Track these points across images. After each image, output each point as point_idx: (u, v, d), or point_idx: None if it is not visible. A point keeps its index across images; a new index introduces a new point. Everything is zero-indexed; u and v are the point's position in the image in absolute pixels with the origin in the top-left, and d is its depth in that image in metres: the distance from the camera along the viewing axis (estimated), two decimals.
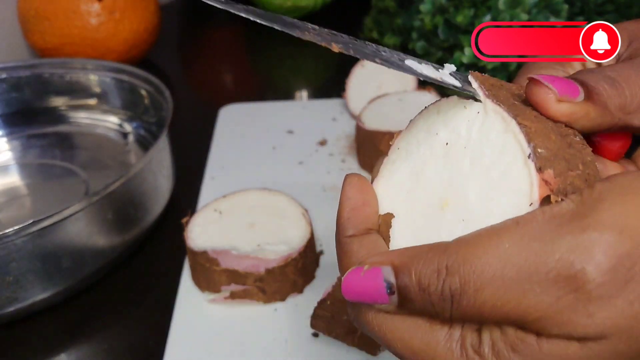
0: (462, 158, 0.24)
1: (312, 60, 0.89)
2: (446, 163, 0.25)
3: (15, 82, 0.63)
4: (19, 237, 0.38)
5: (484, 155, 0.23)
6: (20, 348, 0.41)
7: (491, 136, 0.23)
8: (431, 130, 0.26)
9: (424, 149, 0.26)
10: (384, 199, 0.27)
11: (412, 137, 0.26)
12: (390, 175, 0.27)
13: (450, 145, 0.25)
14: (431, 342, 0.21)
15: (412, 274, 0.20)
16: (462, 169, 0.24)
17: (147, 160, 0.45)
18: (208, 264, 0.41)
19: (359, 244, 0.24)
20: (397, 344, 0.22)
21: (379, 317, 0.22)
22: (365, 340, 0.35)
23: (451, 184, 0.24)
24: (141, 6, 0.74)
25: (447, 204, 0.24)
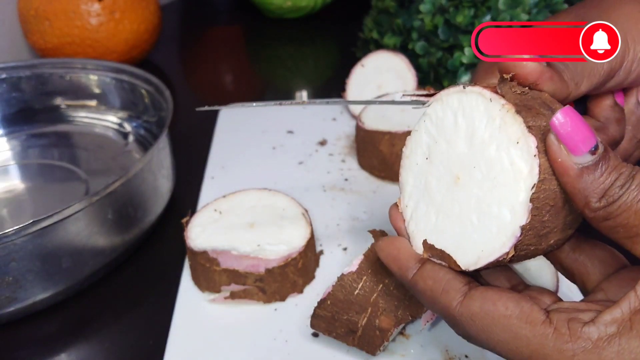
0: (460, 140, 0.27)
1: (312, 60, 0.89)
2: (449, 147, 0.28)
3: (15, 82, 0.63)
4: (19, 237, 0.38)
5: (475, 131, 0.26)
6: (20, 348, 0.41)
7: (475, 115, 0.27)
8: (434, 123, 0.29)
9: (428, 141, 0.29)
10: (409, 186, 0.30)
11: (417, 137, 0.30)
12: (410, 167, 0.30)
13: (452, 132, 0.28)
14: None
15: None
16: (463, 148, 0.27)
17: (147, 160, 0.45)
18: (208, 264, 0.41)
19: (422, 281, 0.27)
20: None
21: None
22: (365, 340, 0.35)
23: (459, 163, 0.27)
24: (141, 6, 0.74)
25: (459, 178, 0.27)
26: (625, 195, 0.22)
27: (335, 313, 0.36)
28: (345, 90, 0.64)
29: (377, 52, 0.63)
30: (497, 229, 0.25)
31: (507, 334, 0.24)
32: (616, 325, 0.22)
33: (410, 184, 0.30)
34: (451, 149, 0.28)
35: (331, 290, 0.36)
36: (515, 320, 0.24)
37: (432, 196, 0.29)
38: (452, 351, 0.37)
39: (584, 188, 0.23)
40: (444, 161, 0.29)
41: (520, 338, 0.24)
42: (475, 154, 0.27)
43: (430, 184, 0.29)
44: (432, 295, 0.27)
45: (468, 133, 0.27)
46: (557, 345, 0.23)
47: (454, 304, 0.26)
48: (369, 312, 0.35)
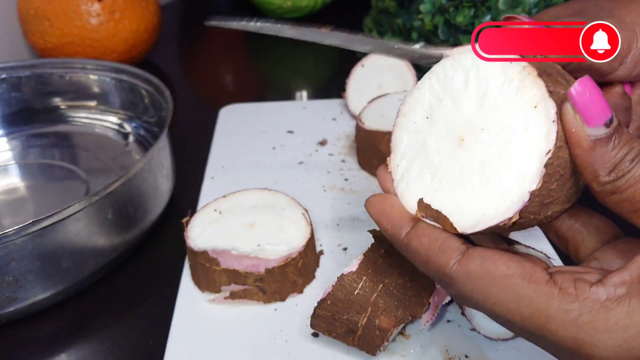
0: (469, 101, 0.27)
1: (312, 60, 0.89)
2: (455, 107, 0.28)
3: (15, 82, 0.63)
4: (19, 237, 0.38)
5: (488, 92, 0.26)
6: (20, 348, 0.41)
7: (490, 75, 0.26)
8: (435, 84, 0.29)
9: (431, 99, 0.29)
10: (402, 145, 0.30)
11: (419, 95, 0.30)
12: (407, 125, 0.30)
13: (454, 93, 0.28)
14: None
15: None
16: (470, 109, 0.27)
17: (147, 160, 0.45)
18: (208, 264, 0.41)
19: (417, 239, 0.27)
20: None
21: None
22: (365, 340, 0.35)
23: (465, 124, 0.27)
24: (141, 6, 0.74)
25: (463, 140, 0.27)
26: (635, 170, 0.22)
27: (335, 313, 0.36)
28: (346, 90, 0.64)
29: None
30: (502, 193, 0.25)
31: (508, 294, 0.23)
32: (626, 287, 0.22)
33: (405, 143, 0.30)
34: (457, 109, 0.27)
35: (331, 290, 0.36)
36: (518, 279, 0.23)
37: (429, 157, 0.28)
38: (452, 351, 0.37)
39: (594, 161, 0.23)
40: (447, 122, 0.28)
41: (522, 297, 0.23)
42: (485, 116, 0.26)
43: (428, 144, 0.28)
44: (427, 254, 0.26)
45: (479, 94, 0.26)
46: (563, 305, 0.22)
47: (451, 263, 0.25)
48: (368, 312, 0.35)
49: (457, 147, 0.27)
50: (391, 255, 0.37)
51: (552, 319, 0.22)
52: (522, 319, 0.23)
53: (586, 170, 0.23)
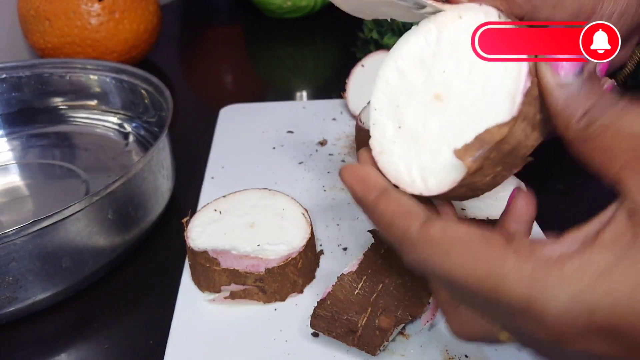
0: (444, 57, 0.28)
1: (312, 60, 0.89)
2: (430, 64, 0.29)
3: (15, 82, 0.63)
4: (19, 237, 0.38)
5: (480, 64, 0.27)
6: (20, 348, 0.41)
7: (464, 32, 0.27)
8: (432, 31, 0.29)
9: (425, 46, 0.29)
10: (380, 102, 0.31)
11: (416, 37, 0.30)
12: (382, 81, 0.31)
13: (430, 48, 0.29)
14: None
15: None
16: (458, 70, 0.28)
17: (147, 160, 0.45)
18: (208, 264, 0.41)
19: (384, 203, 0.27)
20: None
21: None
22: (365, 340, 0.35)
23: (445, 80, 0.28)
24: (141, 6, 0.74)
25: (440, 96, 0.28)
26: (605, 117, 0.23)
27: (335, 313, 0.36)
28: (346, 90, 0.64)
29: (377, 52, 0.63)
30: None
31: (465, 256, 0.23)
32: (579, 243, 0.22)
33: (380, 107, 0.31)
34: (432, 70, 0.28)
35: (331, 290, 0.36)
36: (476, 242, 0.23)
37: (404, 120, 0.29)
38: (452, 351, 0.37)
39: (566, 108, 0.24)
40: (421, 82, 0.29)
41: (478, 259, 0.23)
42: (461, 72, 0.27)
43: (403, 105, 0.30)
44: (392, 217, 0.26)
45: (453, 53, 0.28)
46: (517, 264, 0.22)
47: (413, 227, 0.25)
48: (368, 312, 0.35)
49: (433, 105, 0.28)
50: (391, 255, 0.37)
51: (506, 277, 0.22)
52: (477, 280, 0.23)
53: (559, 119, 0.24)
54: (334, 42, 0.93)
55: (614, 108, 0.23)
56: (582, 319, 0.20)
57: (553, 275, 0.21)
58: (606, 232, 0.21)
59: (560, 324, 0.21)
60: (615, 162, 0.22)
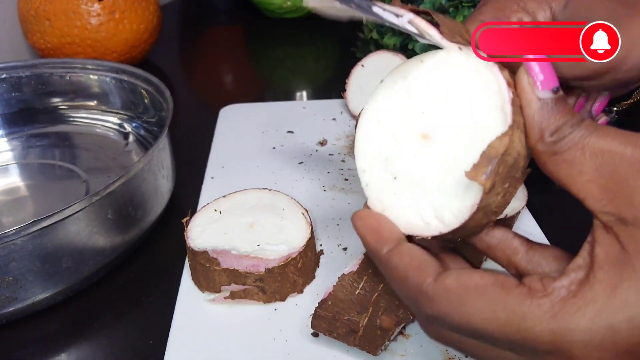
0: (418, 100, 0.29)
1: (312, 60, 0.89)
2: (417, 105, 0.29)
3: (15, 82, 0.63)
4: (19, 237, 0.38)
5: (456, 91, 0.27)
6: (20, 348, 0.41)
7: (460, 74, 0.28)
8: (397, 82, 0.31)
9: (394, 96, 0.30)
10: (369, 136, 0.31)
11: (384, 91, 0.31)
12: (371, 117, 0.31)
13: (417, 89, 0.29)
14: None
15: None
16: (436, 106, 0.28)
17: (147, 160, 0.45)
18: (208, 264, 0.41)
19: (398, 256, 0.27)
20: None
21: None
22: (367, 340, 0.35)
23: (427, 120, 0.28)
24: (141, 6, 0.74)
25: (428, 135, 0.28)
26: (574, 133, 0.24)
27: (336, 313, 0.36)
28: (346, 90, 0.64)
29: (377, 52, 0.63)
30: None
31: (483, 302, 0.24)
32: (583, 270, 0.23)
33: (369, 153, 0.31)
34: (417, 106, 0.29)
35: (332, 290, 0.36)
36: (491, 287, 0.24)
37: (394, 164, 0.29)
38: (452, 351, 0.37)
39: (541, 121, 0.25)
40: (408, 121, 0.29)
41: (496, 303, 0.24)
42: (446, 108, 0.28)
43: (392, 149, 0.30)
44: (406, 271, 0.27)
45: (440, 90, 0.28)
46: (535, 301, 0.23)
47: (428, 280, 0.26)
48: (369, 312, 0.35)
49: (422, 145, 0.28)
50: None
51: (527, 316, 0.23)
52: (499, 325, 0.24)
53: (533, 130, 0.25)
54: (334, 42, 0.93)
55: (583, 126, 0.24)
56: (607, 340, 0.21)
57: (570, 304, 0.22)
58: (596, 252, 0.23)
59: (589, 349, 0.22)
60: (580, 176, 0.24)
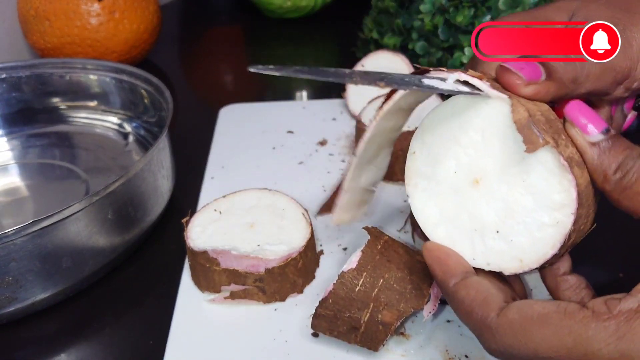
0: (486, 144, 0.29)
1: (312, 60, 0.89)
2: (469, 150, 0.30)
3: (15, 82, 0.63)
4: (19, 237, 0.38)
5: (509, 140, 0.28)
6: (20, 348, 0.41)
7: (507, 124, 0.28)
8: (449, 125, 0.31)
9: (443, 139, 0.31)
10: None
11: (429, 131, 0.32)
12: (415, 166, 0.33)
13: (471, 134, 0.30)
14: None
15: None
16: (489, 152, 0.29)
17: (147, 160, 0.45)
18: (208, 264, 0.41)
19: (464, 290, 0.28)
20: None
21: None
22: (368, 336, 0.35)
23: (477, 166, 0.30)
24: (141, 6, 0.74)
25: (478, 182, 0.30)
26: (638, 165, 0.25)
27: (337, 311, 0.36)
28: (346, 90, 0.64)
29: (377, 52, 0.63)
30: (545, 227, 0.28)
31: (547, 330, 0.24)
32: None
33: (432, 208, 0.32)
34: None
35: (332, 289, 0.36)
36: (554, 314, 0.25)
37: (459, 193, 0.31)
38: (452, 351, 0.37)
39: (601, 163, 0.26)
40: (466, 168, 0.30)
41: (561, 330, 0.24)
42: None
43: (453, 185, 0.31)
44: (471, 305, 0.27)
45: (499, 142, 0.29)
46: (600, 324, 0.23)
47: (492, 314, 0.26)
48: (370, 307, 0.35)
49: (471, 188, 0.30)
50: (387, 250, 0.37)
51: (593, 339, 0.23)
52: (566, 351, 0.24)
53: (596, 174, 0.26)
54: (334, 42, 0.93)
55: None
56: None
57: (636, 325, 0.22)
58: None
59: None
60: None
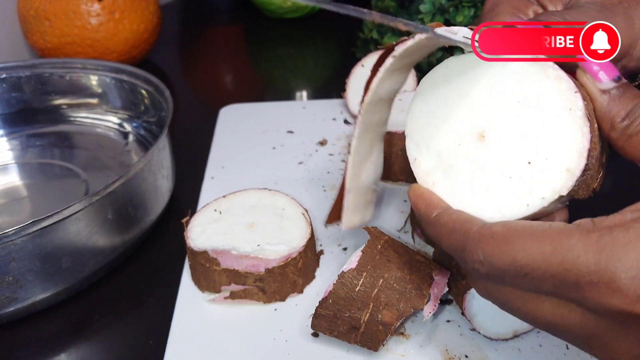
0: (501, 98, 0.29)
1: (312, 60, 0.89)
2: (481, 101, 0.29)
3: (15, 82, 0.63)
4: (19, 237, 0.38)
5: (528, 96, 0.28)
6: (20, 348, 0.41)
7: (535, 83, 0.28)
8: (464, 73, 0.30)
9: (455, 87, 0.31)
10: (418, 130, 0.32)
11: (441, 77, 0.32)
12: (422, 109, 0.32)
13: (487, 85, 0.29)
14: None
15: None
16: (502, 107, 0.29)
17: (147, 160, 0.45)
18: (208, 264, 0.41)
19: (447, 216, 0.29)
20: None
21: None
22: (368, 336, 0.35)
23: (489, 119, 0.29)
24: (141, 6, 0.74)
25: (484, 136, 0.29)
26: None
27: (337, 311, 0.36)
28: (346, 90, 0.64)
29: (377, 52, 0.63)
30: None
31: (529, 240, 0.24)
32: (638, 213, 0.23)
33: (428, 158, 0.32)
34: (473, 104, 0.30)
35: (332, 289, 0.36)
36: (538, 227, 0.24)
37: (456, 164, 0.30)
38: (452, 351, 0.37)
39: (610, 110, 0.26)
40: (466, 120, 0.30)
41: (543, 240, 0.23)
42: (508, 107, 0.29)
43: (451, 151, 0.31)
44: (454, 225, 0.27)
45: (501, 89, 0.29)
46: (582, 236, 0.23)
47: (475, 228, 0.26)
48: (370, 307, 0.35)
49: (478, 144, 0.29)
50: (387, 250, 0.37)
51: (573, 247, 0.22)
52: (544, 258, 0.23)
53: (604, 121, 0.26)
54: (334, 42, 0.93)
55: None
56: None
57: (619, 237, 0.22)
58: None
59: (635, 281, 0.21)
60: None
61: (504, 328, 0.37)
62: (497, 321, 0.37)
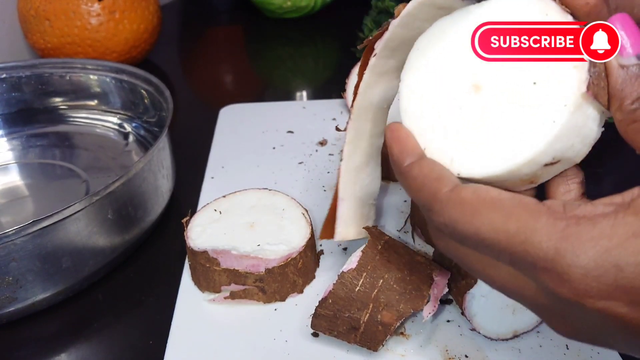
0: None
1: (312, 60, 0.89)
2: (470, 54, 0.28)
3: (15, 82, 0.63)
4: (19, 237, 0.38)
5: None
6: (20, 348, 0.41)
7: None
8: (458, 22, 0.29)
9: (451, 38, 0.29)
10: (416, 85, 0.31)
11: (438, 31, 0.30)
12: (419, 64, 0.30)
13: None
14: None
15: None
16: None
17: (147, 160, 0.45)
18: (208, 264, 0.41)
19: (418, 168, 0.27)
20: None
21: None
22: (368, 336, 0.35)
23: (484, 70, 0.28)
24: (141, 6, 0.74)
25: (480, 88, 0.28)
26: None
27: (337, 311, 0.36)
28: (346, 90, 0.64)
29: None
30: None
31: (495, 214, 0.23)
32: (614, 206, 0.22)
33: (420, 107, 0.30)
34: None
35: (332, 289, 0.36)
36: (508, 201, 0.24)
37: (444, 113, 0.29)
38: (452, 351, 0.37)
39: (623, 89, 0.25)
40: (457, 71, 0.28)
41: (510, 216, 0.23)
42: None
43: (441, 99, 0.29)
44: (424, 181, 0.27)
45: None
46: (549, 221, 0.22)
47: (445, 189, 0.26)
48: (370, 308, 0.35)
49: (471, 95, 0.28)
50: (387, 250, 0.37)
51: (537, 231, 0.22)
52: (507, 236, 0.23)
53: (614, 99, 0.25)
54: (334, 42, 0.93)
55: None
56: (609, 275, 0.21)
57: (584, 231, 0.21)
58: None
59: (587, 278, 0.21)
60: None
61: (504, 328, 0.37)
62: (497, 321, 0.37)
